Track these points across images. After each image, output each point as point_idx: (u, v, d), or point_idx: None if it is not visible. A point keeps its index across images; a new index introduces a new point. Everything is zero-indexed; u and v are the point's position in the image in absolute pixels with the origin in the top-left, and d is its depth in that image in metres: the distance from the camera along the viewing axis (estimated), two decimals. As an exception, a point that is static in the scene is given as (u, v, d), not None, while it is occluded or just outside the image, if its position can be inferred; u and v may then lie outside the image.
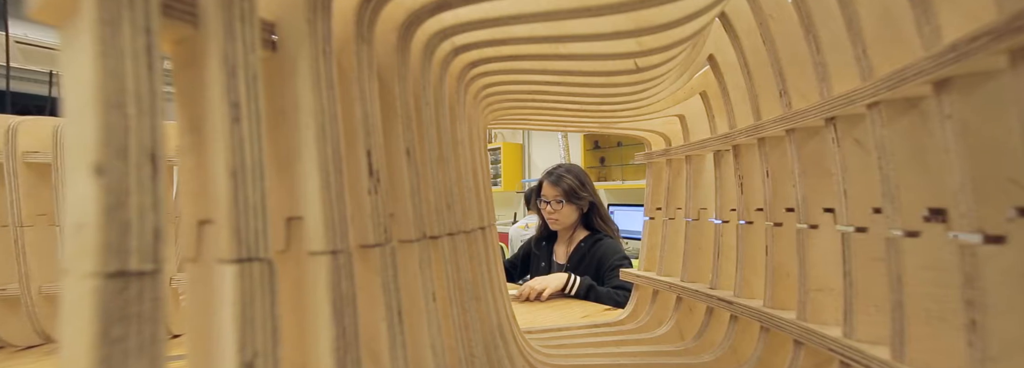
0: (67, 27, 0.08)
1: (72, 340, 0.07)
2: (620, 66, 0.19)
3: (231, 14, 0.09)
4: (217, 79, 0.09)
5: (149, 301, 0.07)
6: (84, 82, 0.08)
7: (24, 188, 0.33)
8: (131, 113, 0.08)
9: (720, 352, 0.26)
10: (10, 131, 0.33)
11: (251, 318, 0.08)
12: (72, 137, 0.08)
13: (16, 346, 0.36)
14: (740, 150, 0.27)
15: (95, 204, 0.07)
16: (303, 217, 0.10)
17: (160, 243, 0.08)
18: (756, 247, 0.26)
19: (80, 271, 0.07)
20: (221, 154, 0.09)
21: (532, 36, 0.15)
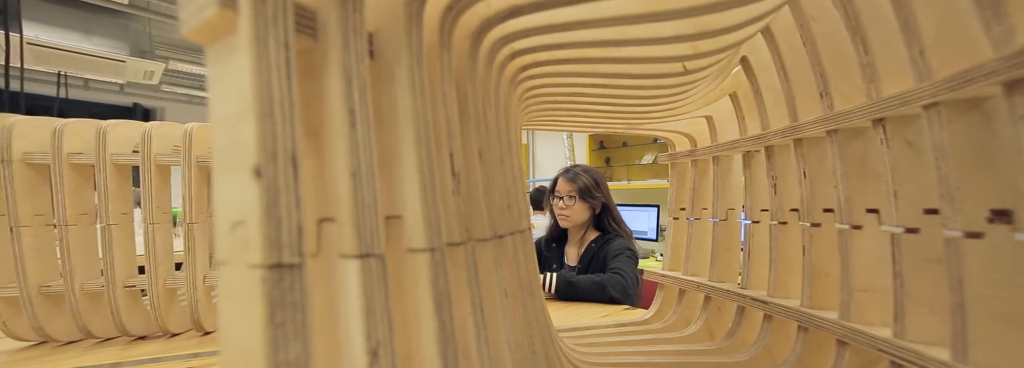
0: (220, 45, 0.09)
1: (241, 324, 0.08)
2: (668, 69, 0.20)
3: (347, 28, 0.10)
4: (336, 87, 0.10)
5: (299, 291, 0.08)
6: (242, 94, 0.08)
7: (69, 188, 0.35)
8: (278, 120, 0.08)
9: (755, 351, 0.26)
10: (56, 133, 0.34)
11: (373, 310, 0.09)
12: (228, 142, 0.09)
13: (58, 341, 0.37)
14: (773, 151, 0.27)
15: (256, 203, 0.08)
16: (403, 216, 0.11)
17: (303, 238, 0.09)
18: (791, 247, 0.26)
19: (244, 263, 0.08)
20: (342, 157, 0.09)
21: (590, 40, 0.15)
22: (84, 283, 0.36)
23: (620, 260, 0.65)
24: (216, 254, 0.09)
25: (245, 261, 0.08)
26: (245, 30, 0.08)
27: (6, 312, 0.35)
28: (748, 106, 0.31)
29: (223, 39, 0.09)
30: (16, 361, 0.34)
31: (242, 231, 0.08)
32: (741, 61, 0.29)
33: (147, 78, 2.29)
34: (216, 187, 0.09)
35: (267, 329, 0.08)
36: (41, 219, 0.35)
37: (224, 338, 0.09)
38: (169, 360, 0.34)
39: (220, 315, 0.09)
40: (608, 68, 0.19)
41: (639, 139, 2.04)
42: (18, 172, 0.33)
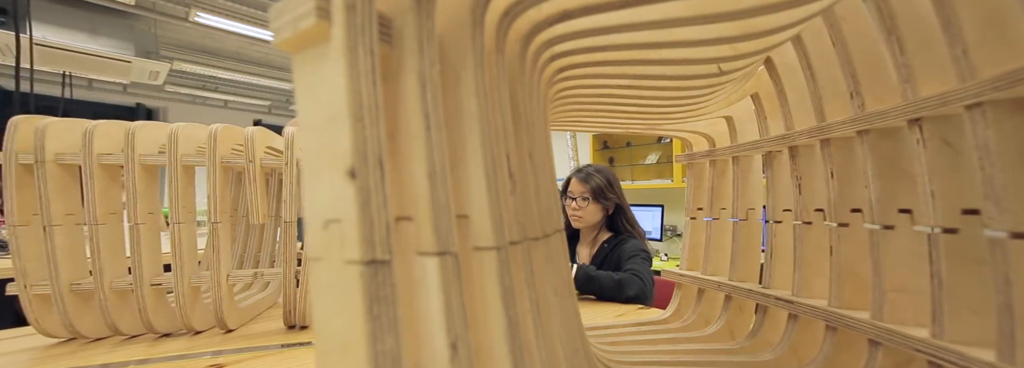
0: (310, 53, 0.09)
1: (339, 317, 0.09)
2: (702, 70, 0.20)
3: (421, 34, 0.10)
4: (413, 92, 0.10)
5: (390, 286, 0.09)
6: (334, 99, 0.09)
7: (98, 188, 0.35)
8: (368, 124, 0.09)
9: (780, 351, 0.26)
10: (87, 134, 0.35)
11: (451, 305, 0.09)
12: (318, 146, 0.09)
13: (87, 338, 0.38)
14: (798, 151, 0.28)
15: (352, 202, 0.08)
16: (469, 216, 0.11)
17: (391, 236, 0.09)
18: (817, 247, 0.26)
19: (339, 259, 0.09)
20: (419, 158, 0.10)
21: (631, 43, 0.16)
22: (113, 281, 0.36)
23: (636, 261, 0.65)
24: (307, 251, 0.09)
25: (340, 257, 0.09)
26: (338, 39, 0.09)
27: (38, 309, 0.35)
28: (770, 106, 0.31)
29: (314, 48, 0.09)
30: (49, 357, 0.35)
31: (336, 229, 0.09)
32: (764, 62, 0.29)
33: (152, 78, 2.31)
34: (307, 188, 0.09)
35: (366, 322, 0.08)
36: (71, 218, 0.36)
37: (320, 330, 0.09)
38: (194, 357, 0.34)
39: (315, 308, 0.09)
40: (642, 70, 0.20)
41: (643, 139, 2.03)
42: (51, 172, 0.34)
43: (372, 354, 0.08)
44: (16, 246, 0.34)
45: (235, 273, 0.39)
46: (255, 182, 0.38)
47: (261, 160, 0.39)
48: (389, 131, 0.10)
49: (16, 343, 0.38)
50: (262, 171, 0.39)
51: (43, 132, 0.34)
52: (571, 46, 0.16)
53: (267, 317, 0.47)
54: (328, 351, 0.09)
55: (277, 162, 0.40)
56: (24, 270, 0.34)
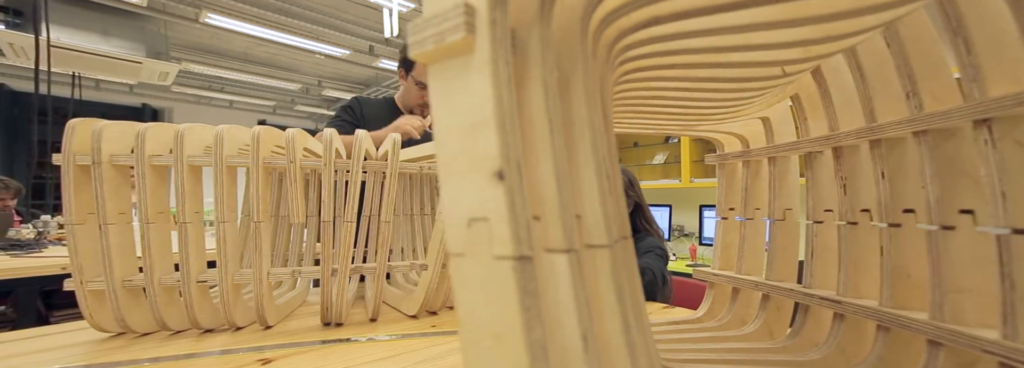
0: (451, 64, 0.10)
1: (488, 308, 0.09)
2: (765, 73, 0.20)
3: (544, 44, 0.11)
4: (538, 98, 0.11)
5: (534, 280, 0.09)
6: (479, 106, 0.09)
7: (150, 188, 0.37)
8: (508, 130, 0.09)
9: (827, 350, 0.26)
10: (139, 136, 0.36)
11: (580, 299, 0.10)
12: (458, 150, 0.10)
13: (136, 332, 0.39)
14: (843, 152, 0.28)
15: (502, 202, 0.09)
16: (582, 215, 0.12)
17: (532, 234, 0.09)
18: (864, 247, 0.26)
19: (487, 255, 0.09)
20: (546, 161, 0.10)
21: (705, 47, 0.16)
22: (162, 278, 0.38)
23: (649, 257, 0.65)
24: (450, 246, 0.10)
25: (488, 253, 0.09)
26: (484, 51, 0.10)
27: (92, 304, 0.37)
28: (812, 107, 0.31)
29: (456, 59, 0.10)
30: (102, 351, 0.36)
31: (483, 227, 0.09)
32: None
33: (161, 79, 2.36)
34: (447, 189, 0.10)
35: (521, 313, 0.09)
36: (123, 217, 0.37)
37: (467, 320, 0.10)
38: (238, 352, 0.36)
39: (461, 301, 0.10)
40: (705, 73, 0.20)
41: (650, 140, 2.03)
42: (106, 173, 0.35)
43: (528, 343, 0.09)
44: (73, 244, 0.35)
45: (274, 271, 0.41)
46: (296, 183, 0.39)
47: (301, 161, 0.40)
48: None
49: (70, 337, 0.39)
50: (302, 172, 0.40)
51: (99, 134, 0.35)
52: (644, 50, 0.17)
53: (298, 314, 0.48)
54: (477, 340, 0.09)
55: (316, 163, 0.41)
56: (80, 267, 0.36)
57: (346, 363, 0.33)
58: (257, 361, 0.33)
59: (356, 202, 0.41)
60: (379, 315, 0.46)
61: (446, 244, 0.10)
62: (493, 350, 0.09)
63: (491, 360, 0.09)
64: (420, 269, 0.46)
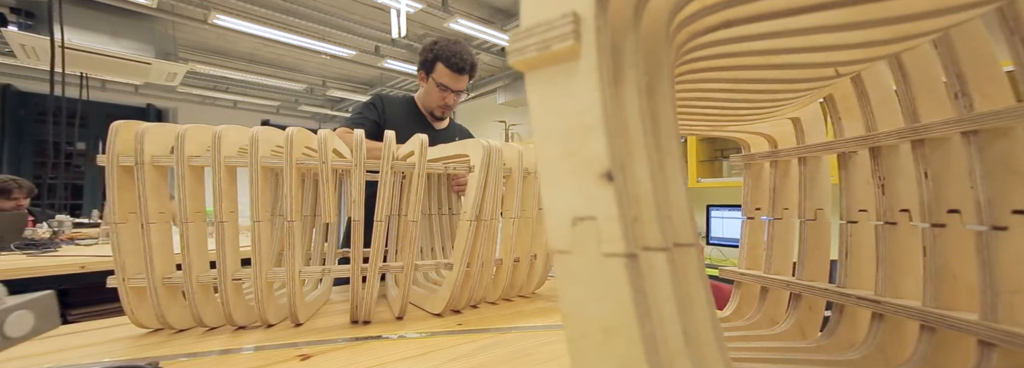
0: (553, 71, 0.10)
1: (598, 304, 0.10)
2: (818, 74, 0.21)
3: (636, 49, 0.11)
4: (633, 102, 0.11)
5: (641, 277, 0.10)
6: (585, 111, 0.10)
7: (189, 188, 0.37)
8: (615, 133, 0.10)
9: (866, 350, 0.26)
10: (179, 138, 0.37)
11: (680, 295, 0.10)
12: (560, 153, 0.10)
13: (174, 328, 0.40)
14: (880, 152, 0.28)
15: (612, 202, 0.09)
16: (670, 216, 0.12)
17: (636, 232, 0.10)
18: (904, 248, 0.26)
19: (595, 253, 0.10)
20: (643, 163, 0.11)
21: (770, 48, 0.16)
22: (199, 275, 0.39)
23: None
24: (553, 245, 0.10)
25: (596, 251, 0.10)
26: (590, 57, 0.10)
27: (134, 300, 0.38)
28: (846, 107, 0.31)
29: (558, 66, 0.10)
30: (143, 346, 0.37)
31: (590, 226, 0.10)
32: (844, 63, 0.29)
33: (169, 80, 2.39)
34: (550, 190, 0.10)
35: (634, 308, 0.09)
36: (163, 216, 0.38)
37: (573, 314, 0.10)
38: (271, 348, 0.36)
39: (566, 296, 0.10)
40: (755, 74, 0.20)
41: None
42: (148, 174, 0.36)
43: (643, 336, 0.09)
44: (116, 243, 0.37)
45: (306, 269, 0.41)
46: (328, 183, 0.40)
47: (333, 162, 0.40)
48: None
49: (110, 333, 0.40)
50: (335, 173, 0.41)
51: (142, 136, 0.36)
52: (703, 53, 0.17)
53: (324, 313, 0.49)
54: (585, 334, 0.10)
55: (346, 164, 0.41)
56: (123, 264, 0.37)
57: (381, 359, 0.34)
58: (296, 357, 0.34)
59: (389, 202, 0.41)
60: (404, 313, 0.47)
61: (549, 242, 0.11)
62: (603, 344, 0.09)
63: (600, 353, 0.09)
64: (445, 268, 0.47)
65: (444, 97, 0.81)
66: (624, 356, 0.09)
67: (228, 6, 2.21)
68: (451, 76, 0.78)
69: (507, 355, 0.35)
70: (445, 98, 0.81)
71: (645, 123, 0.11)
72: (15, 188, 1.55)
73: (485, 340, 0.39)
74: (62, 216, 1.45)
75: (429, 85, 0.81)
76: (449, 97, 0.81)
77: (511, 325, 0.44)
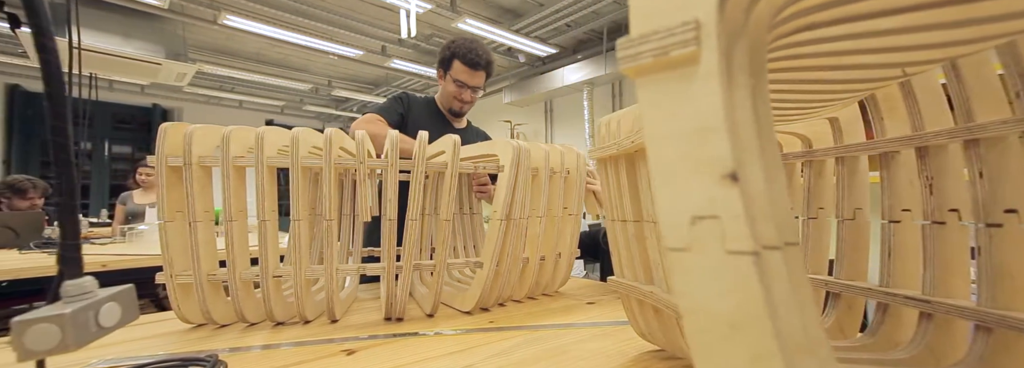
0: (669, 75, 0.11)
1: (725, 300, 0.10)
2: (881, 74, 0.21)
3: (745, 52, 0.11)
4: (745, 104, 0.11)
5: (765, 273, 0.10)
6: (710, 113, 0.10)
7: (233, 188, 0.38)
8: (737, 134, 0.10)
9: (915, 350, 0.26)
10: (224, 139, 0.38)
11: (797, 291, 0.11)
12: (678, 154, 0.11)
13: (217, 323, 0.42)
14: (928, 151, 0.28)
15: (736, 202, 0.10)
16: (778, 215, 0.12)
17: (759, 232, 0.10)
18: (953, 247, 0.26)
19: (719, 250, 0.10)
20: (756, 163, 0.11)
21: (844, 49, 0.16)
22: (242, 272, 0.40)
23: None
24: (669, 243, 0.11)
25: (720, 249, 0.10)
26: (711, 62, 0.10)
27: (180, 296, 0.39)
28: (889, 107, 0.31)
29: (676, 70, 0.11)
30: (189, 340, 0.38)
31: (711, 225, 0.10)
32: (890, 62, 0.29)
33: (178, 80, 2.43)
34: (665, 190, 0.11)
35: (765, 304, 0.10)
36: (207, 215, 0.39)
37: (696, 311, 0.10)
38: (310, 344, 0.37)
39: (685, 293, 0.11)
40: (816, 75, 0.20)
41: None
42: (195, 173, 0.37)
43: (775, 331, 0.09)
44: (165, 240, 0.38)
45: (342, 267, 0.42)
46: (365, 183, 0.41)
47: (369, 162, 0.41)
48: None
49: (157, 328, 0.42)
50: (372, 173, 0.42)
51: (190, 137, 0.37)
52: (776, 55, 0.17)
53: (355, 310, 0.50)
54: (708, 329, 0.10)
55: (382, 164, 0.42)
56: (171, 261, 0.38)
57: (423, 355, 0.35)
58: (341, 352, 0.35)
59: (421, 201, 0.42)
60: (436, 311, 0.47)
61: (664, 240, 0.11)
62: (729, 338, 0.10)
63: (727, 347, 0.10)
64: (475, 266, 0.47)
65: (461, 93, 0.83)
66: (755, 350, 0.09)
67: (237, 6, 2.24)
68: (467, 72, 0.80)
69: (544, 352, 0.35)
70: (462, 94, 0.83)
71: (754, 125, 0.11)
72: (30, 188, 1.58)
73: (519, 337, 0.39)
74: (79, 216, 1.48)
75: (447, 82, 0.83)
76: (465, 93, 0.83)
77: (541, 323, 0.44)
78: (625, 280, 0.33)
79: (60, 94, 0.18)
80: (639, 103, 0.12)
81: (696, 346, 0.10)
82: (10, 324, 0.17)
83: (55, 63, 0.18)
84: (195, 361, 0.30)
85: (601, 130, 0.35)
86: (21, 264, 0.93)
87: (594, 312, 0.49)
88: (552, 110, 3.27)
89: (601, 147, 0.34)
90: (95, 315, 0.19)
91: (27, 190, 1.58)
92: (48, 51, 0.18)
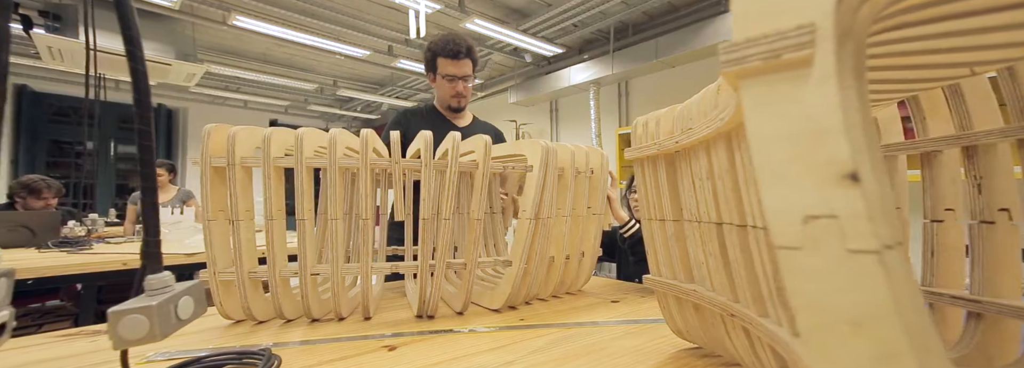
0: (778, 77, 0.11)
1: (847, 296, 0.10)
2: (948, 74, 0.21)
3: (852, 54, 0.12)
4: (856, 101, 0.12)
5: (890, 271, 0.10)
6: (825, 115, 0.11)
7: (274, 188, 0.39)
8: (856, 135, 0.10)
9: (965, 349, 0.26)
10: (266, 140, 0.39)
11: (914, 290, 0.11)
12: (787, 155, 0.11)
13: (256, 319, 0.42)
14: (977, 151, 0.28)
15: (858, 202, 0.10)
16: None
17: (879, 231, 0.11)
18: (1003, 247, 0.26)
19: (838, 249, 0.10)
20: (866, 163, 0.11)
21: (924, 49, 0.16)
22: (282, 270, 0.40)
23: None
24: (779, 241, 0.11)
25: (839, 248, 0.11)
26: (827, 64, 0.11)
27: (223, 293, 0.40)
28: (931, 106, 0.31)
29: (785, 73, 0.11)
30: (232, 335, 0.39)
31: (827, 224, 0.11)
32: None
33: (187, 80, 2.45)
34: (773, 190, 0.11)
35: (893, 301, 0.10)
36: (249, 214, 0.40)
37: (812, 308, 0.11)
38: (346, 340, 0.38)
39: (800, 290, 0.11)
40: (885, 75, 0.20)
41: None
42: (238, 173, 0.38)
43: (905, 328, 0.10)
44: (209, 238, 0.38)
45: (376, 265, 0.43)
46: (399, 182, 0.41)
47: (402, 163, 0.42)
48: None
49: (199, 324, 0.43)
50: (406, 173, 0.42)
51: (234, 138, 0.38)
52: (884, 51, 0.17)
53: (384, 308, 0.51)
54: (823, 326, 0.11)
55: (417, 164, 0.43)
56: (214, 259, 0.39)
57: (464, 351, 0.35)
58: (382, 347, 0.36)
59: (453, 200, 0.42)
60: (466, 309, 0.48)
61: (773, 239, 0.12)
62: (851, 336, 0.10)
63: (850, 345, 0.10)
64: (504, 265, 0.48)
65: (453, 87, 0.83)
66: (883, 348, 0.10)
67: (246, 7, 2.25)
68: (451, 63, 0.80)
69: (581, 349, 0.36)
70: (455, 87, 0.83)
71: (865, 125, 0.12)
72: (45, 188, 1.61)
73: (553, 335, 0.40)
74: (94, 215, 1.51)
75: (438, 82, 0.84)
76: (458, 85, 0.83)
77: (571, 320, 0.45)
78: (663, 278, 0.34)
79: (147, 100, 0.19)
80: (743, 105, 0.12)
81: (811, 343, 0.11)
82: (107, 314, 0.18)
83: (143, 70, 0.19)
84: (250, 354, 0.31)
85: (637, 130, 0.35)
86: (43, 262, 0.95)
87: (621, 310, 0.49)
88: (557, 110, 3.26)
89: (639, 147, 0.34)
90: (175, 308, 0.19)
91: (41, 190, 1.61)
92: (137, 60, 0.18)
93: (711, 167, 0.25)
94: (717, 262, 0.26)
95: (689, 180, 0.29)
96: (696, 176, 0.28)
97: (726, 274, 0.25)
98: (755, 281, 0.22)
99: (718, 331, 0.29)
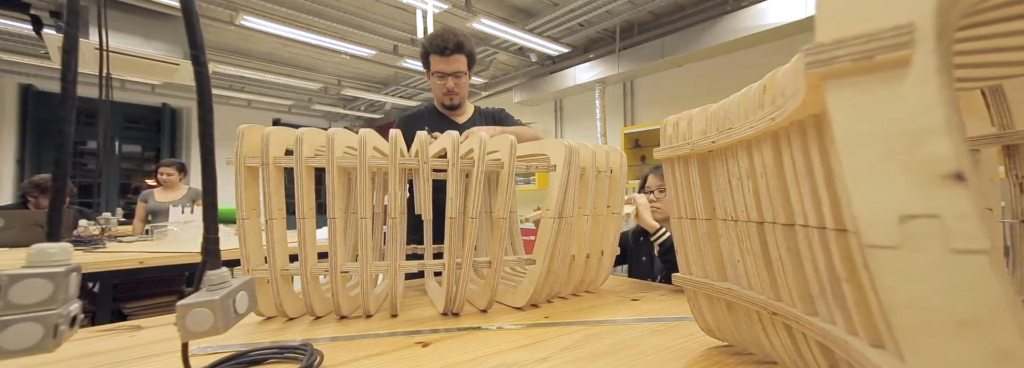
0: (872, 78, 0.11)
1: (950, 296, 0.10)
2: (1005, 72, 0.21)
3: (945, 53, 0.12)
4: (940, 102, 0.12)
5: (999, 271, 0.10)
6: (925, 114, 0.11)
7: (305, 187, 0.40)
8: (958, 135, 0.11)
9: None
10: (298, 140, 0.39)
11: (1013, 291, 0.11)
12: (879, 153, 0.11)
13: (287, 316, 0.43)
14: (1019, 150, 0.28)
15: (963, 201, 0.10)
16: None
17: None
18: (1045, 246, 0.26)
19: (941, 248, 0.11)
20: (951, 161, 0.12)
21: (987, 48, 0.16)
22: (312, 267, 0.41)
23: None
24: (872, 240, 0.11)
25: (942, 247, 0.11)
26: (928, 64, 0.11)
27: (257, 290, 0.40)
28: (969, 105, 0.31)
29: (879, 73, 0.11)
30: (262, 332, 0.40)
31: (928, 223, 0.11)
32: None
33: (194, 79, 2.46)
34: (864, 188, 0.11)
35: (1005, 301, 0.10)
36: (281, 212, 0.41)
37: (910, 309, 0.11)
38: (377, 337, 0.39)
39: (897, 290, 0.11)
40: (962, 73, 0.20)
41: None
42: (272, 173, 0.39)
43: (1020, 329, 0.10)
44: (243, 236, 0.39)
45: (404, 264, 0.43)
46: (428, 182, 0.42)
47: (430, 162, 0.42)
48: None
49: (229, 321, 0.43)
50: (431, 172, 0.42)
51: (268, 138, 0.38)
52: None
53: (408, 306, 0.51)
54: (925, 325, 0.11)
55: (443, 163, 0.43)
56: (248, 256, 0.39)
57: (496, 348, 0.35)
58: (416, 343, 0.36)
59: (479, 199, 0.43)
60: (490, 307, 0.48)
61: (864, 238, 0.12)
62: (958, 336, 0.10)
63: (957, 345, 0.10)
64: (527, 263, 0.48)
65: (444, 84, 0.82)
66: (995, 348, 0.10)
67: (253, 7, 2.26)
68: (440, 59, 0.79)
69: (611, 347, 0.36)
70: (445, 84, 0.82)
71: (962, 125, 0.12)
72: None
73: (580, 332, 0.40)
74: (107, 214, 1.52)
75: (432, 80, 0.83)
76: (448, 82, 0.82)
77: (594, 318, 0.45)
78: (694, 276, 0.34)
79: (208, 104, 0.19)
80: (829, 106, 0.12)
81: (912, 342, 0.11)
82: (176, 307, 0.18)
83: (205, 74, 0.19)
84: (292, 349, 0.31)
85: (667, 130, 0.35)
86: (64, 260, 0.95)
87: (642, 308, 0.49)
88: (562, 109, 3.25)
89: (670, 147, 0.34)
90: (233, 302, 0.20)
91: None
92: (201, 63, 0.19)
93: (752, 167, 0.25)
94: (756, 260, 0.26)
95: (725, 179, 0.29)
96: (732, 175, 0.28)
97: (767, 272, 0.25)
98: (802, 279, 0.22)
99: (753, 329, 0.29)
